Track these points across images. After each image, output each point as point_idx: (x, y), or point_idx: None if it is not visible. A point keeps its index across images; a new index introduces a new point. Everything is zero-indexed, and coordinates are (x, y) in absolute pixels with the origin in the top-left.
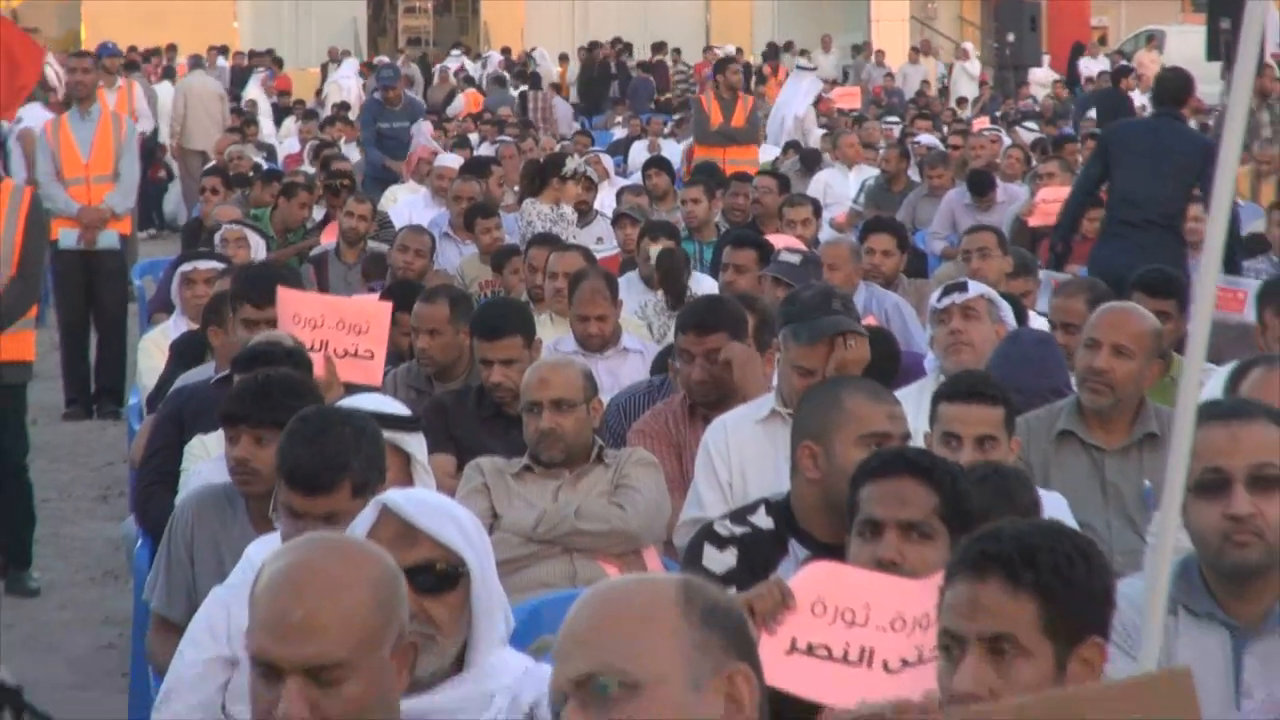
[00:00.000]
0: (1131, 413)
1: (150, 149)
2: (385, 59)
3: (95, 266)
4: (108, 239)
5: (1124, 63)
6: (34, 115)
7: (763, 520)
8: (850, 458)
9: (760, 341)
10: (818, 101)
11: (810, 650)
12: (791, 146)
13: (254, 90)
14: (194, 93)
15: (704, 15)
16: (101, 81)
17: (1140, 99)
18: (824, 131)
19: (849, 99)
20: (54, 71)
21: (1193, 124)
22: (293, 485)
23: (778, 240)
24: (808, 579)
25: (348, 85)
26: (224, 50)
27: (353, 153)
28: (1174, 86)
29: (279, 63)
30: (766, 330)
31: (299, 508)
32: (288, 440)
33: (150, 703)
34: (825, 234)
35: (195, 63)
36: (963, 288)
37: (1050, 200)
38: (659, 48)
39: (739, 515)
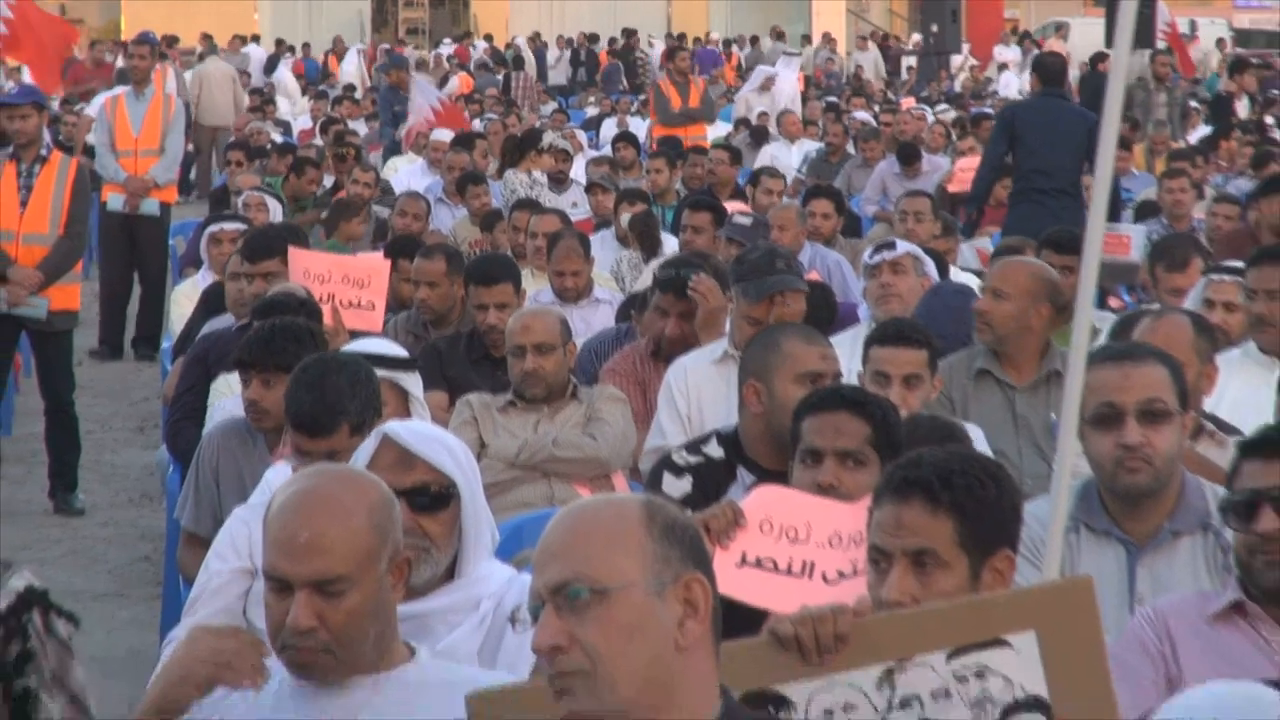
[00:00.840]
0: (1038, 354)
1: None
2: (386, 46)
3: (137, 229)
4: (149, 206)
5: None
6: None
7: (714, 450)
8: (789, 394)
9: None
10: (767, 84)
11: (758, 563)
12: (742, 122)
13: (284, 73)
14: (209, 76)
15: (665, 8)
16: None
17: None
18: (762, 109)
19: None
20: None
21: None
22: (297, 429)
23: (731, 205)
24: (756, 501)
25: (351, 69)
26: (256, 38)
27: (359, 127)
28: (1055, 69)
29: (298, 49)
30: (720, 283)
31: (304, 447)
32: (292, 388)
33: (180, 608)
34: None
35: (211, 49)
36: (891, 246)
37: (967, 169)
38: (630, 34)
39: (694, 446)
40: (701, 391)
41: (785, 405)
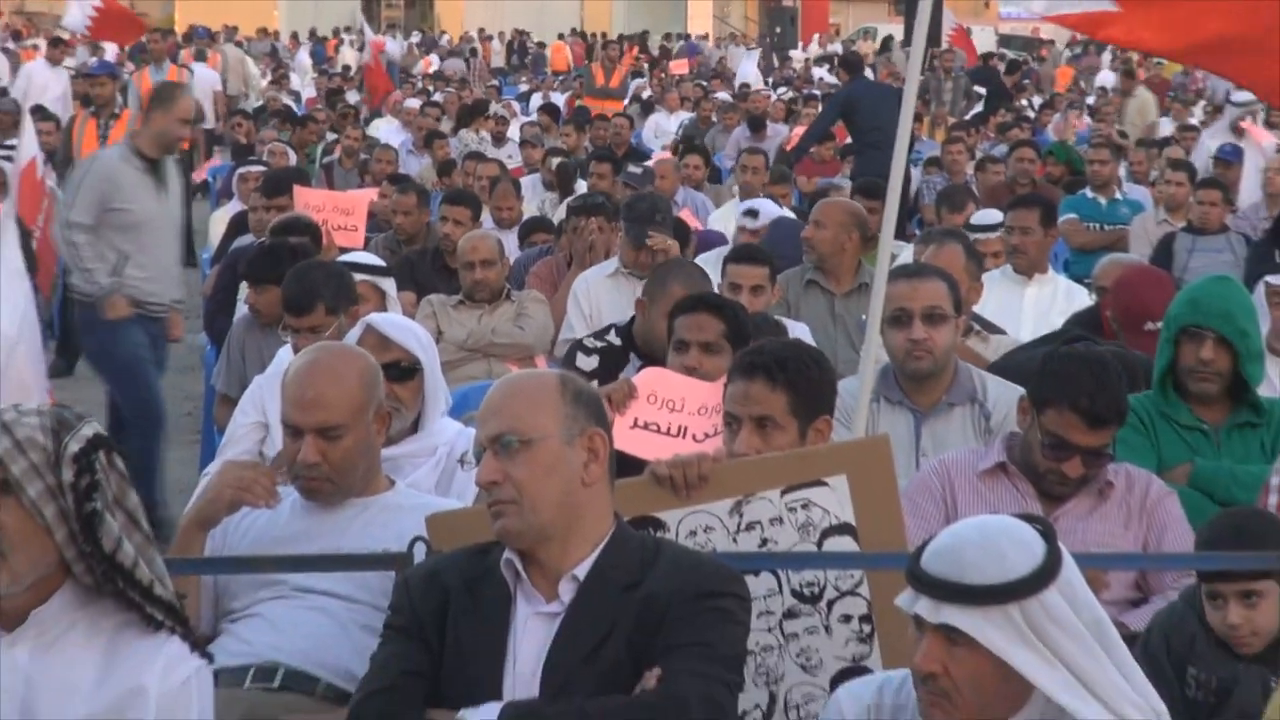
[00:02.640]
0: (852, 270)
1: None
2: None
3: None
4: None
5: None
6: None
7: (614, 339)
8: (659, 322)
9: (610, 223)
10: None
11: (645, 426)
12: (635, 99)
13: (303, 57)
14: (230, 57)
15: (579, 11)
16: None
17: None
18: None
19: (680, 68)
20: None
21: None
22: (287, 310)
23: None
24: (645, 379)
25: (347, 53)
26: (276, 32)
27: (350, 97)
28: (857, 63)
29: (322, 40)
30: (615, 216)
31: (292, 324)
32: (285, 283)
33: (214, 451)
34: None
35: (229, 37)
36: (755, 215)
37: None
38: (560, 36)
39: (599, 334)
40: (600, 297)
41: (656, 328)
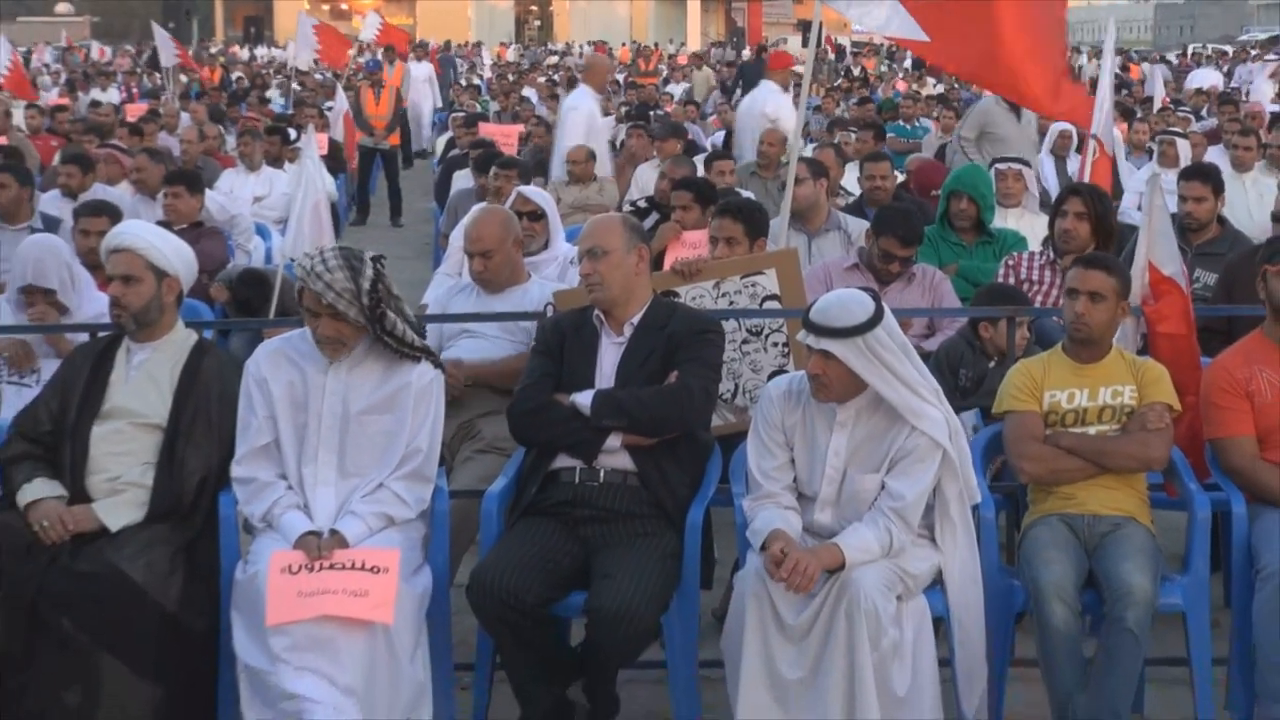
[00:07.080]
0: (777, 163)
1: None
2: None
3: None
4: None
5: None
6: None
7: (642, 203)
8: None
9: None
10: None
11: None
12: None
13: (485, 55)
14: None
15: (629, 29)
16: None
17: None
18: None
19: (683, 60)
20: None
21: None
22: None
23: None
24: (689, 236)
25: (510, 52)
26: (465, 43)
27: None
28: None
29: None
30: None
31: (477, 181)
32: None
33: (439, 260)
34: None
35: (445, 47)
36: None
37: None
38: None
39: (635, 200)
40: (650, 181)
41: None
